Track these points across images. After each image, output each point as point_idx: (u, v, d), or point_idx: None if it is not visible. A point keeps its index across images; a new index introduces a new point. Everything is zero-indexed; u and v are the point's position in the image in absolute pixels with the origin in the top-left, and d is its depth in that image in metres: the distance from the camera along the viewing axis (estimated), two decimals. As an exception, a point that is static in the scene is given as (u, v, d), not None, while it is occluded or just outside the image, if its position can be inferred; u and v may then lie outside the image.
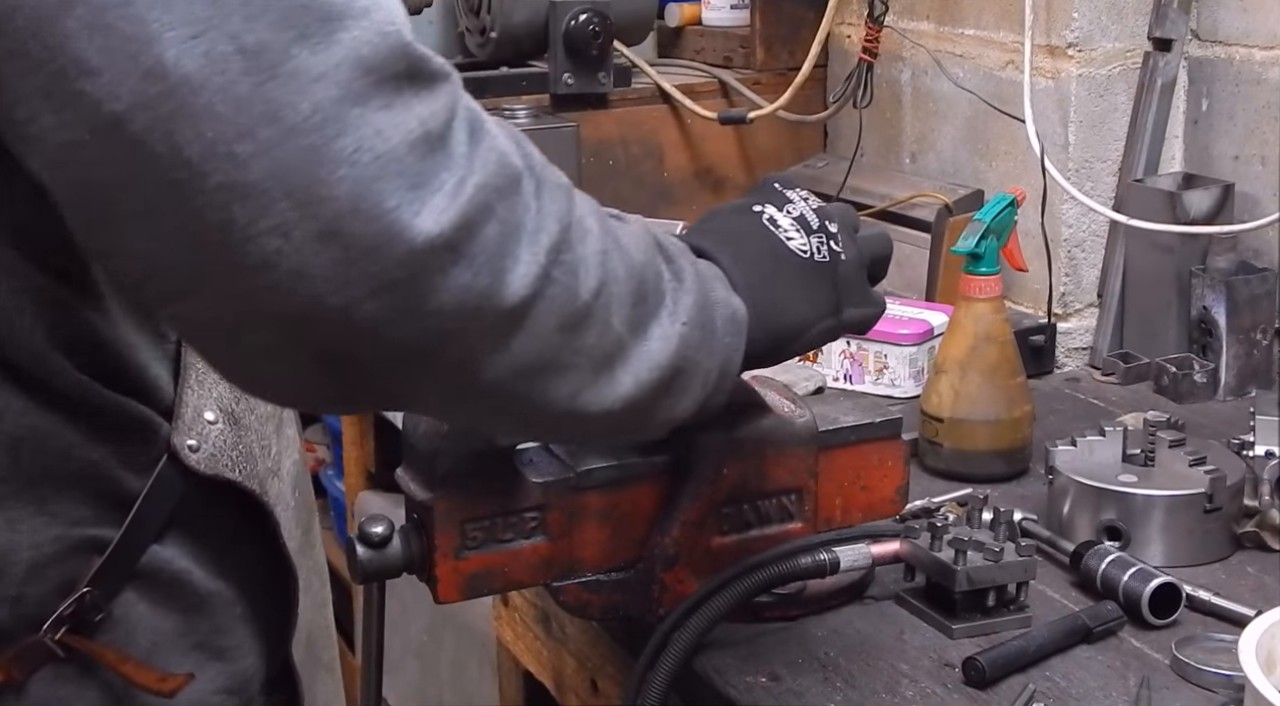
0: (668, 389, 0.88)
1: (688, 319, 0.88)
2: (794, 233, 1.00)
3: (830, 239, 1.02)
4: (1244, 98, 1.80)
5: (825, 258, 1.01)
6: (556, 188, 0.81)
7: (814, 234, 1.01)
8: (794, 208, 1.02)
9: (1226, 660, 1.11)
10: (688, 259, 0.92)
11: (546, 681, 1.62)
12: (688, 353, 0.88)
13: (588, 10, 2.14)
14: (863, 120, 2.16)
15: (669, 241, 0.92)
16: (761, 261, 0.98)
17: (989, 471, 1.50)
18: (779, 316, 0.98)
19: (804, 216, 1.01)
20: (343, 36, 0.71)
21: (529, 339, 0.78)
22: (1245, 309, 1.72)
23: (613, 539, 1.16)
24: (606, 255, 0.82)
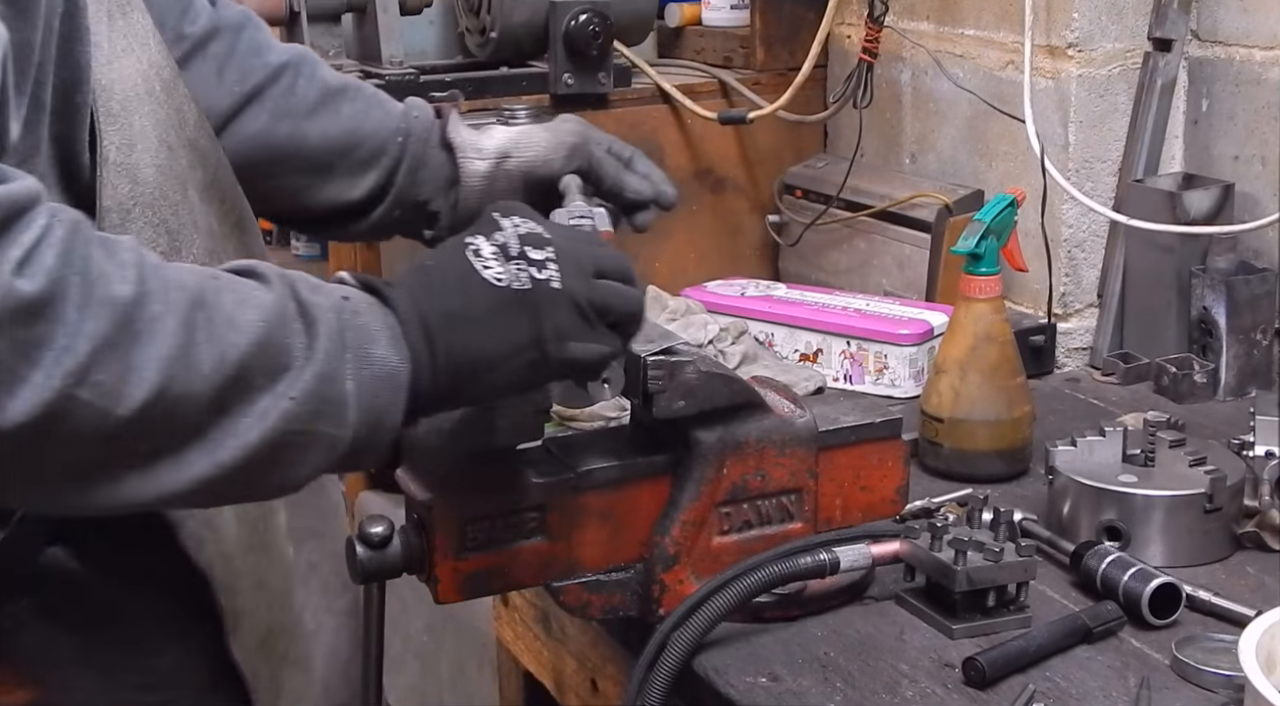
0: (272, 461, 0.88)
1: (297, 393, 0.87)
2: (492, 261, 0.96)
3: (533, 265, 0.97)
4: (1244, 98, 1.80)
5: (525, 285, 0.96)
6: (104, 304, 0.80)
7: (512, 260, 0.96)
8: (501, 235, 0.98)
9: (1226, 660, 1.11)
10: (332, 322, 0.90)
11: (546, 681, 1.62)
12: (297, 426, 0.87)
13: (588, 10, 2.14)
14: (863, 120, 2.16)
15: (317, 304, 0.90)
16: (449, 297, 0.95)
17: (989, 471, 1.50)
18: (462, 353, 0.94)
19: (506, 245, 0.97)
20: None
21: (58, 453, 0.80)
22: (1245, 309, 1.72)
23: (613, 539, 1.16)
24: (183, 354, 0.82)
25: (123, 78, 0.98)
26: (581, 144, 1.30)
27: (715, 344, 1.77)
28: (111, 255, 0.81)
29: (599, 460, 1.16)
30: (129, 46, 1.00)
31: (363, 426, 0.90)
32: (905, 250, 2.07)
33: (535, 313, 0.96)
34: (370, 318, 0.91)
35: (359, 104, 1.30)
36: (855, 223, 2.15)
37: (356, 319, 0.90)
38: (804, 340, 1.85)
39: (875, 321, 1.81)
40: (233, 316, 0.85)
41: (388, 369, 0.90)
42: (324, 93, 1.28)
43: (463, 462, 1.09)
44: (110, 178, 0.95)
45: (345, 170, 1.29)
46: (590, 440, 1.23)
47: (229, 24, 1.25)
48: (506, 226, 0.98)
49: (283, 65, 1.27)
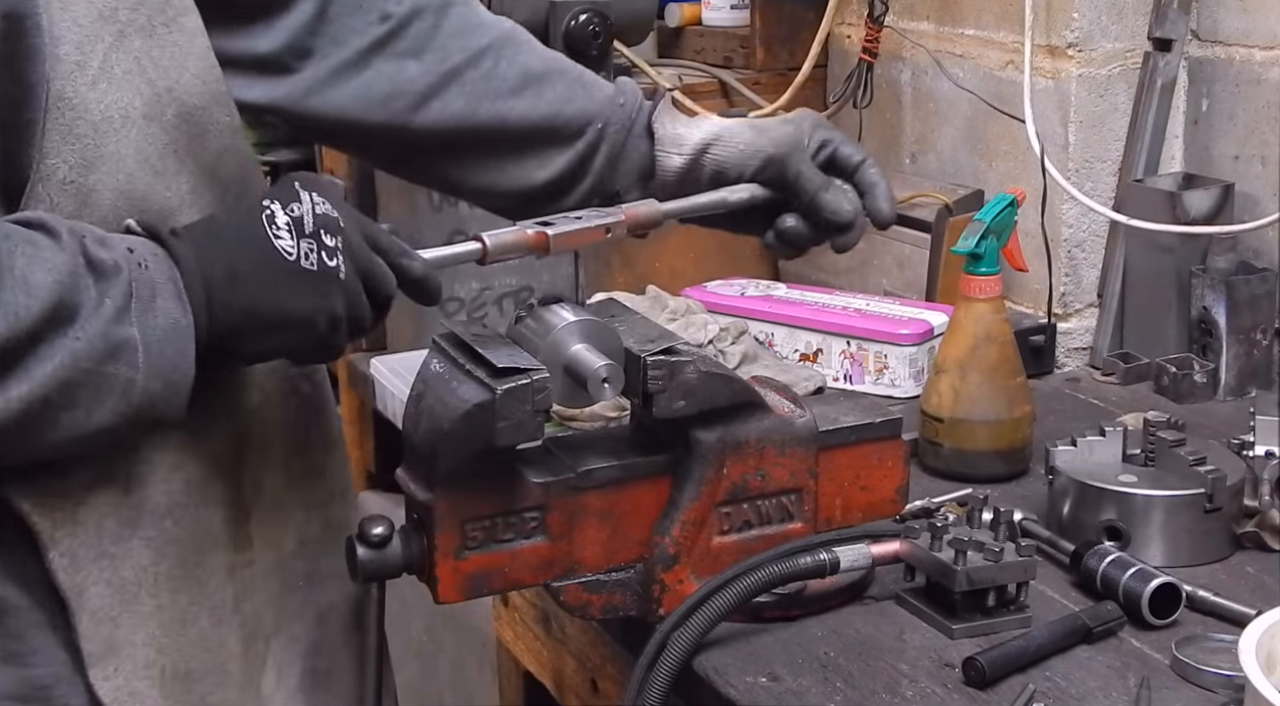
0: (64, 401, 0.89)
1: (84, 336, 0.89)
2: (284, 232, 0.98)
3: (323, 250, 0.99)
4: (1244, 98, 1.80)
5: (312, 266, 0.98)
6: None
7: (304, 238, 0.99)
8: (298, 207, 0.99)
9: (1226, 660, 1.11)
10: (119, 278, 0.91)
11: (546, 681, 1.62)
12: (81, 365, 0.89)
13: (588, 10, 2.14)
14: (863, 120, 2.16)
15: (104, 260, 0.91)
16: (235, 256, 0.97)
17: (989, 471, 1.50)
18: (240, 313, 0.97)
19: (301, 219, 0.99)
20: None
21: None
22: (1245, 309, 1.72)
23: (613, 539, 1.16)
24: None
25: (108, 101, 0.97)
26: (779, 157, 1.26)
27: (715, 344, 1.77)
28: None
29: (599, 460, 1.16)
30: (137, 69, 0.99)
31: (155, 374, 0.92)
32: (905, 250, 2.07)
33: (316, 294, 0.99)
34: (155, 270, 0.94)
35: (561, 88, 1.28)
36: (855, 223, 2.15)
37: (141, 271, 0.93)
38: (804, 340, 1.85)
39: (875, 321, 1.81)
40: (26, 277, 0.87)
41: (172, 319, 0.93)
42: (526, 75, 1.27)
43: (463, 463, 1.09)
44: (51, 194, 0.95)
45: (541, 152, 1.28)
46: (590, 440, 1.23)
47: (433, 3, 1.25)
48: (305, 201, 1.00)
49: (485, 47, 1.26)
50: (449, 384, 1.10)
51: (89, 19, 0.96)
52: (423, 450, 1.11)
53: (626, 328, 1.18)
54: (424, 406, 1.12)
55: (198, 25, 1.06)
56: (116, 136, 0.97)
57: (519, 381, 1.06)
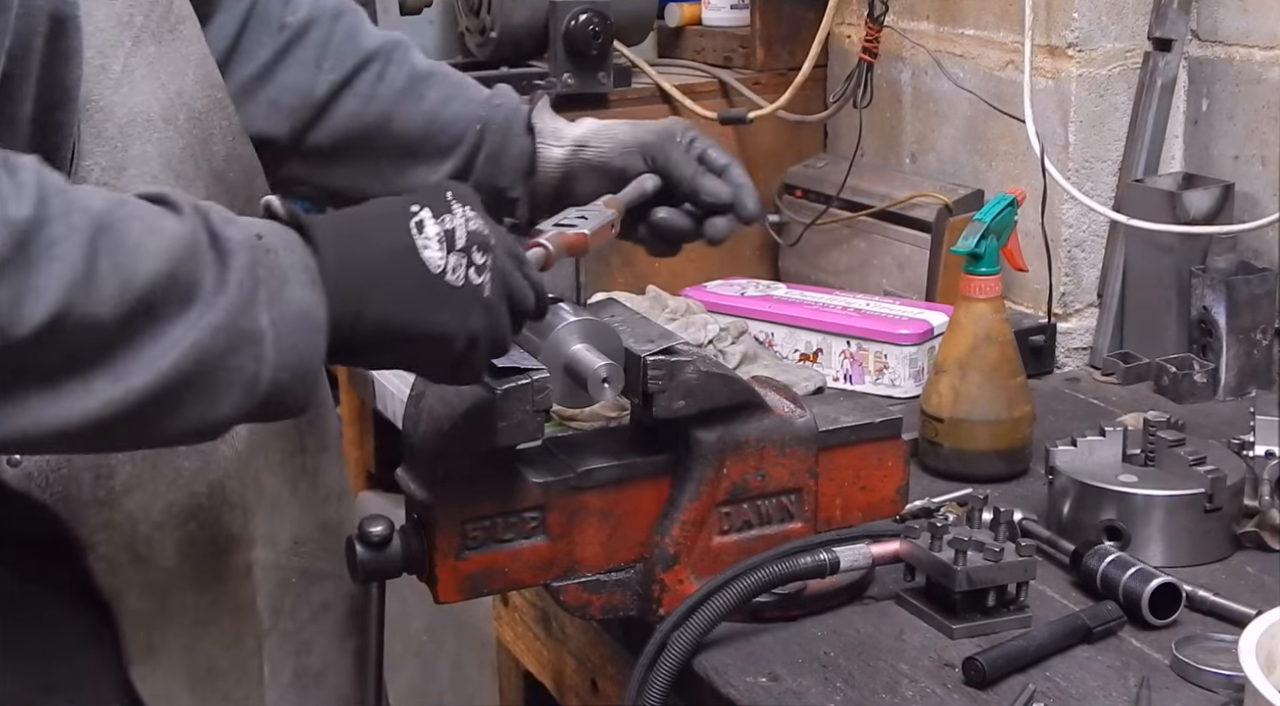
0: (186, 393, 0.85)
1: (209, 323, 0.84)
2: (434, 243, 0.93)
3: (472, 267, 0.95)
4: (1244, 98, 1.80)
5: (459, 283, 0.94)
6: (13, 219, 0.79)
7: (455, 252, 0.94)
8: (450, 220, 0.95)
9: (1226, 660, 1.11)
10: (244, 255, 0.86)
11: (546, 681, 1.62)
12: (206, 358, 0.84)
13: (588, 10, 2.14)
14: (863, 120, 2.16)
15: (231, 237, 0.87)
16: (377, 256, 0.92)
17: (989, 471, 1.50)
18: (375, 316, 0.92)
19: (453, 232, 0.94)
20: None
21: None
22: (1245, 309, 1.72)
23: (613, 539, 1.16)
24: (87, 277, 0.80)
25: (131, 104, 0.98)
26: (658, 143, 1.28)
27: (715, 344, 1.77)
28: (12, 175, 0.79)
29: (599, 460, 1.16)
30: (152, 74, 1.00)
31: (283, 367, 0.87)
32: (905, 250, 2.07)
33: (459, 313, 0.95)
34: (286, 256, 0.89)
35: (442, 90, 1.30)
36: (855, 223, 2.15)
37: (269, 257, 0.88)
38: (804, 340, 1.85)
39: (875, 321, 1.81)
40: (140, 243, 0.83)
41: (304, 308, 0.88)
42: (411, 79, 1.29)
43: (463, 463, 1.09)
44: None
45: (426, 157, 1.29)
46: (590, 440, 1.23)
47: (326, 12, 1.27)
48: (458, 212, 0.96)
49: (375, 51, 1.28)
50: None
51: (110, 24, 0.97)
52: (423, 450, 1.11)
53: (626, 328, 1.18)
54: (424, 406, 1.12)
55: (196, 32, 1.07)
56: (140, 139, 0.98)
57: (519, 381, 1.06)
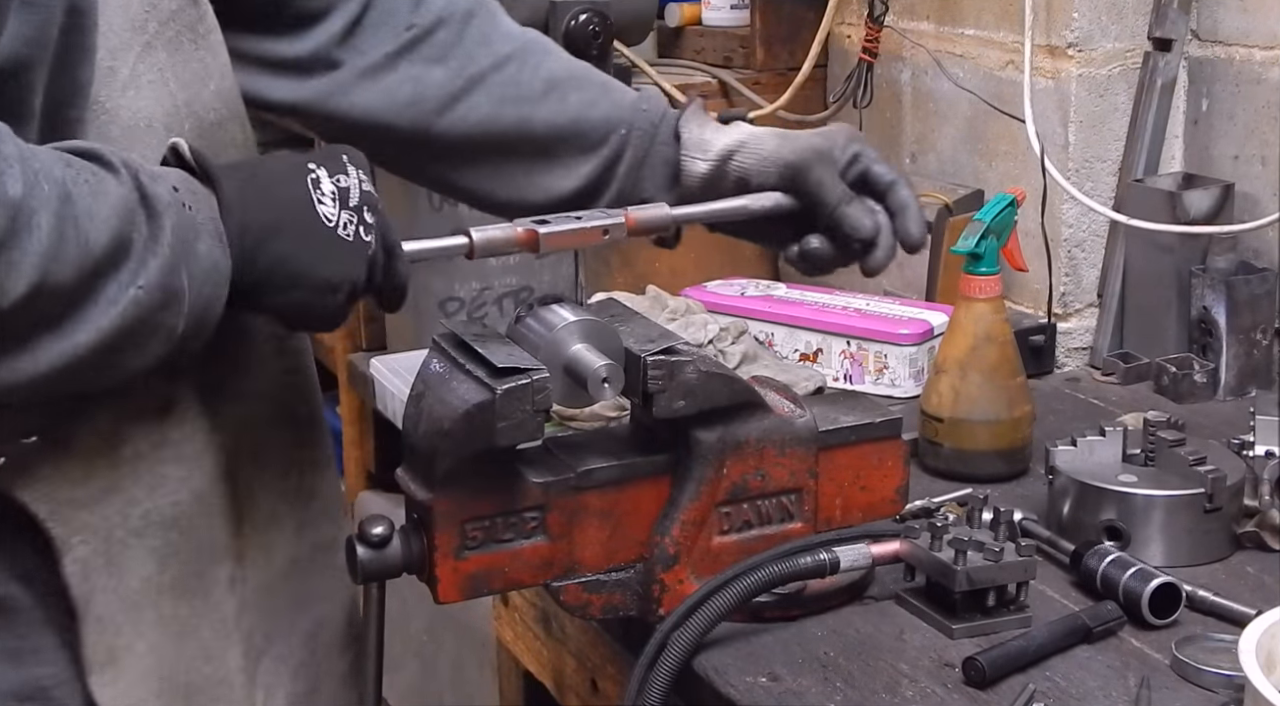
0: (121, 347, 0.90)
1: (145, 283, 0.89)
2: (329, 199, 0.99)
3: (362, 225, 1.00)
4: (1244, 98, 1.80)
5: (348, 237, 0.99)
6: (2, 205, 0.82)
7: (347, 209, 1.00)
8: (345, 180, 1.00)
9: (1226, 660, 1.11)
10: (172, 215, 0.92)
11: (546, 681, 1.62)
12: (142, 314, 0.90)
13: (588, 10, 2.14)
14: (863, 120, 2.16)
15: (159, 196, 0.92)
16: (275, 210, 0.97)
17: (989, 471, 1.50)
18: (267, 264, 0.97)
19: (348, 190, 1.00)
20: None
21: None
22: (1245, 309, 1.72)
23: (613, 539, 1.16)
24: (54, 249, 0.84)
25: (135, 108, 0.98)
26: (804, 163, 1.22)
27: (715, 344, 1.77)
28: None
29: (599, 460, 1.16)
30: (160, 81, 1.00)
31: (192, 317, 0.93)
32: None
33: (345, 264, 0.99)
34: (198, 211, 0.94)
35: (587, 93, 1.28)
36: (855, 222, 2.15)
37: (185, 213, 0.93)
38: (804, 340, 1.86)
39: (875, 321, 1.82)
40: (91, 209, 0.87)
41: (212, 261, 0.93)
42: (551, 80, 1.27)
43: (463, 463, 1.09)
44: None
45: (562, 159, 1.27)
46: (590, 440, 1.23)
47: (458, 14, 1.26)
48: (351, 175, 1.01)
49: (509, 54, 1.27)
50: (449, 384, 1.10)
51: (122, 27, 0.97)
52: (423, 450, 1.11)
53: (626, 328, 1.18)
54: (424, 406, 1.12)
55: (221, 41, 1.08)
56: (142, 144, 0.98)
57: (519, 381, 1.06)
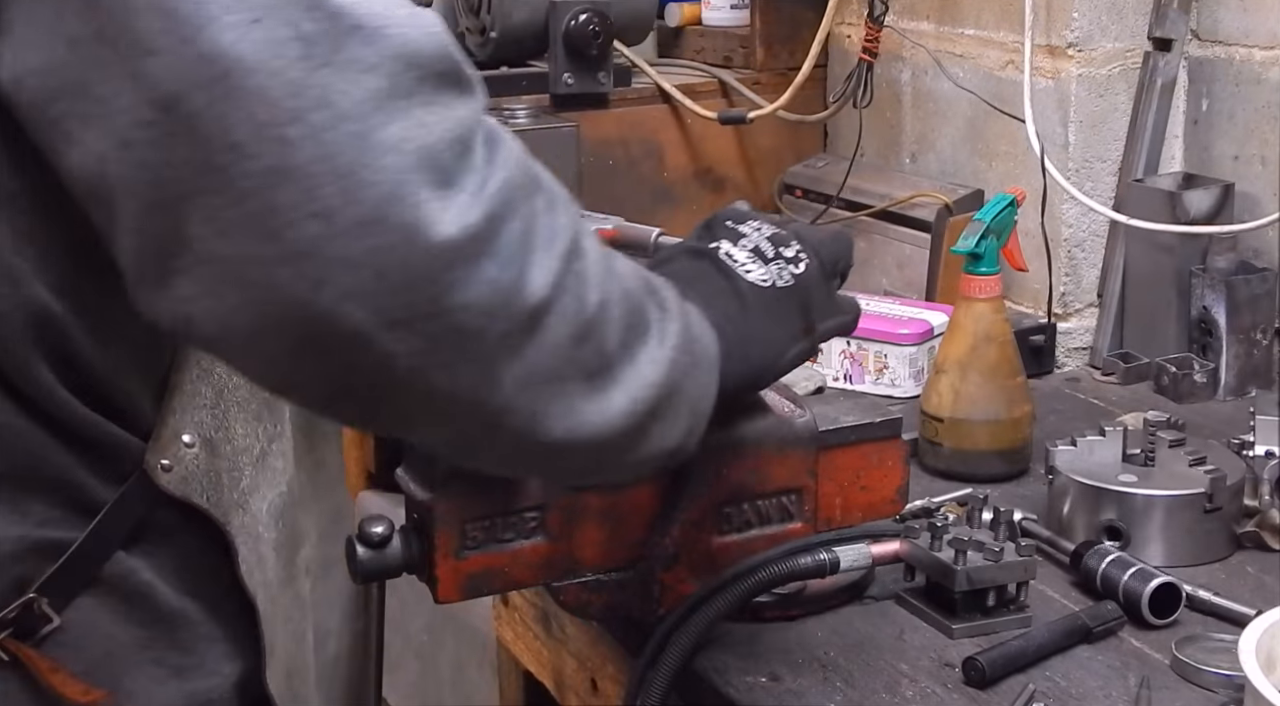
0: (661, 413, 0.88)
1: (675, 344, 0.88)
2: (751, 265, 1.00)
3: (789, 263, 1.02)
4: (1244, 98, 1.80)
5: (788, 282, 1.02)
6: (564, 200, 0.81)
7: (771, 262, 1.01)
8: (748, 241, 1.02)
9: (1226, 660, 1.11)
10: (671, 291, 0.93)
11: (546, 681, 1.62)
12: (677, 377, 0.88)
13: (588, 10, 2.14)
14: (863, 120, 2.16)
15: (652, 274, 0.93)
16: (724, 299, 0.99)
17: (989, 471, 1.50)
18: (750, 351, 0.99)
19: (759, 248, 1.02)
20: (392, 32, 0.72)
21: (542, 346, 0.79)
22: (1245, 309, 1.72)
23: (613, 539, 1.16)
24: (607, 274, 0.83)
25: None
26: None
27: (715, 344, 1.77)
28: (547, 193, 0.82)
29: (599, 460, 1.16)
30: None
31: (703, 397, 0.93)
32: (905, 250, 2.07)
33: (803, 304, 1.02)
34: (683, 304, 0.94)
35: None
36: (855, 222, 2.15)
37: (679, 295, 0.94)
38: (804, 340, 1.85)
39: (875, 321, 1.81)
40: (611, 256, 0.86)
41: (707, 343, 0.94)
42: None
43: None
44: None
45: None
46: (590, 440, 1.23)
47: None
48: (748, 231, 1.03)
49: None
50: (449, 384, 1.10)
51: None
52: (423, 450, 1.11)
53: (626, 327, 1.18)
54: (424, 406, 1.12)
55: None
56: None
57: (519, 381, 1.06)
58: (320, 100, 0.70)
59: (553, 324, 0.78)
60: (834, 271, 1.08)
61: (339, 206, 0.70)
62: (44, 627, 0.91)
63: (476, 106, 0.76)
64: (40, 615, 0.91)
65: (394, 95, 0.72)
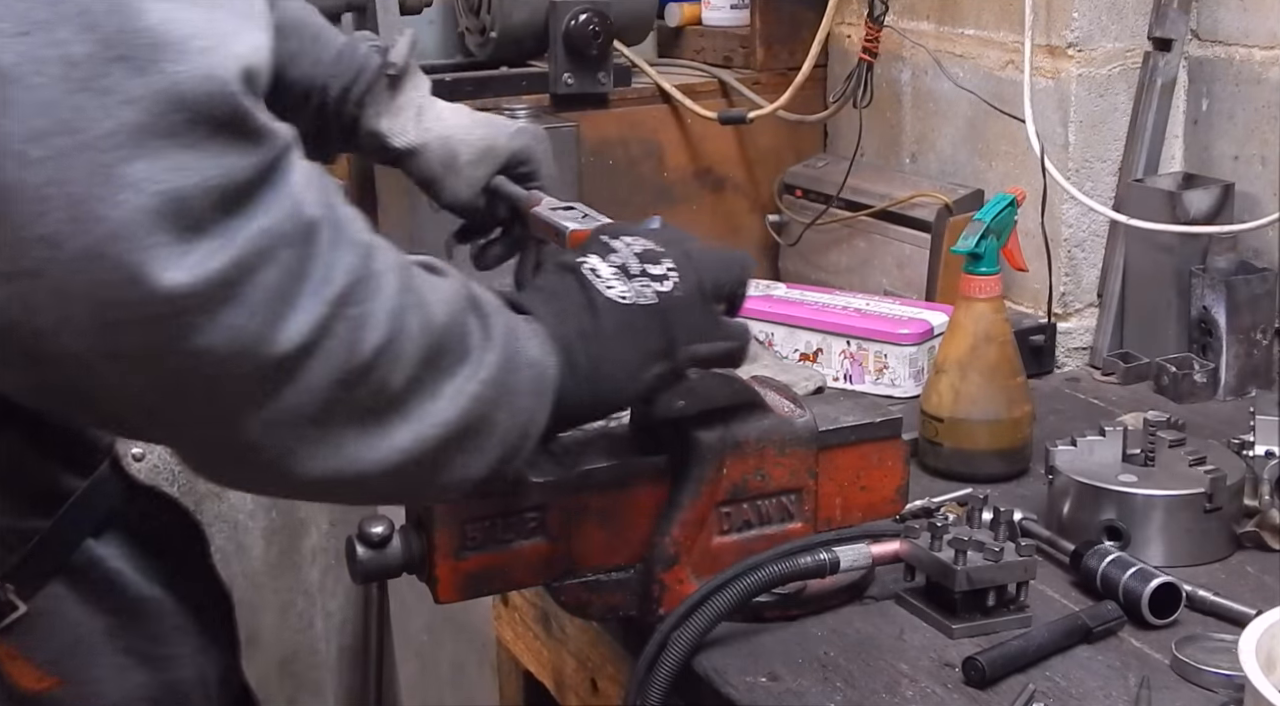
0: (459, 446, 0.87)
1: (486, 377, 0.87)
2: (614, 281, 0.99)
3: (653, 280, 1.01)
4: (1244, 98, 1.80)
5: (650, 300, 1.00)
6: (353, 244, 0.79)
7: (635, 279, 1.00)
8: (617, 257, 1.01)
9: (1226, 660, 1.11)
10: (503, 317, 0.91)
11: (546, 681, 1.62)
12: (483, 410, 0.87)
13: (588, 10, 2.14)
14: (863, 120, 2.16)
15: (487, 299, 0.91)
16: (580, 315, 0.98)
17: (989, 471, 1.50)
18: (600, 369, 0.97)
19: (626, 265, 1.01)
20: (167, 68, 0.70)
21: (298, 391, 0.77)
22: (1245, 309, 1.72)
23: (613, 539, 1.16)
24: (401, 312, 0.82)
25: None
26: None
27: (715, 344, 1.77)
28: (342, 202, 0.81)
29: (599, 460, 1.16)
30: None
31: (518, 428, 0.91)
32: (905, 250, 2.07)
33: (664, 323, 1.00)
34: (524, 322, 0.94)
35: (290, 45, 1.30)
36: (855, 222, 2.15)
37: (514, 319, 0.93)
38: (804, 340, 1.85)
39: (875, 321, 1.81)
40: (430, 287, 0.85)
41: (540, 369, 0.92)
42: None
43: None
44: None
45: None
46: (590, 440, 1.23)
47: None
48: (619, 247, 1.02)
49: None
50: (449, 384, 1.10)
51: None
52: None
53: (626, 327, 1.18)
54: (424, 406, 1.12)
55: None
56: None
57: (519, 381, 1.06)
58: (68, 124, 0.68)
59: (313, 367, 0.77)
60: (717, 294, 1.05)
61: (68, 235, 0.68)
62: (10, 615, 0.92)
63: (259, 158, 0.74)
64: (6, 602, 0.91)
65: (152, 133, 0.69)
